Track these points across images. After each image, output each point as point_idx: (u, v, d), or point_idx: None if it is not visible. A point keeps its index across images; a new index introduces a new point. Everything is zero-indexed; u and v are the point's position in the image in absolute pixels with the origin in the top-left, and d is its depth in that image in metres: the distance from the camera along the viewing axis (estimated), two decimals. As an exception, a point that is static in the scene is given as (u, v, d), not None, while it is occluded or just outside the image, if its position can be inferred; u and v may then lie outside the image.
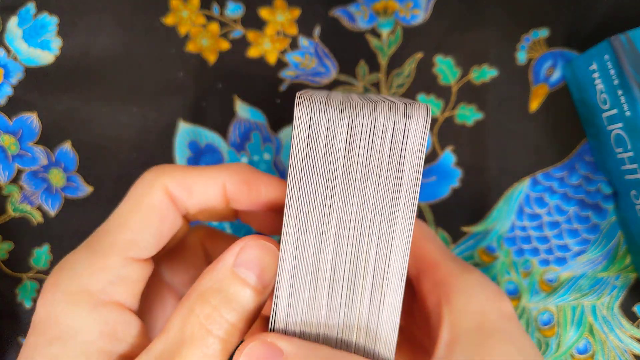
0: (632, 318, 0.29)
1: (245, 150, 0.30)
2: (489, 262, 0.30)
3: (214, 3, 0.30)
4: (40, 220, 0.30)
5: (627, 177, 0.27)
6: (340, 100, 0.17)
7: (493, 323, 0.19)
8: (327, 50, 0.31)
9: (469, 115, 0.30)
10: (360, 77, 0.30)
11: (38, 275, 0.30)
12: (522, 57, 0.30)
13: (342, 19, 0.30)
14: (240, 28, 0.31)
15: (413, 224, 0.17)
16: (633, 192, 0.27)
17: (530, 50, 0.30)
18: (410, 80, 0.30)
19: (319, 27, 0.31)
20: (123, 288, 0.17)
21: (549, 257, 0.30)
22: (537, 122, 0.30)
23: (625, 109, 0.26)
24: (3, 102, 0.30)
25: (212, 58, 0.30)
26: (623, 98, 0.26)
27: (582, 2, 0.30)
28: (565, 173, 0.30)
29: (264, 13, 0.31)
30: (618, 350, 0.29)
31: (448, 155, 0.30)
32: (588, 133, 0.30)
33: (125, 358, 0.17)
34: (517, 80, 0.30)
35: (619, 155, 0.27)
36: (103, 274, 0.17)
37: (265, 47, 0.31)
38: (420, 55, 0.30)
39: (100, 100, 0.30)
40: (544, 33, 0.30)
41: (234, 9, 0.30)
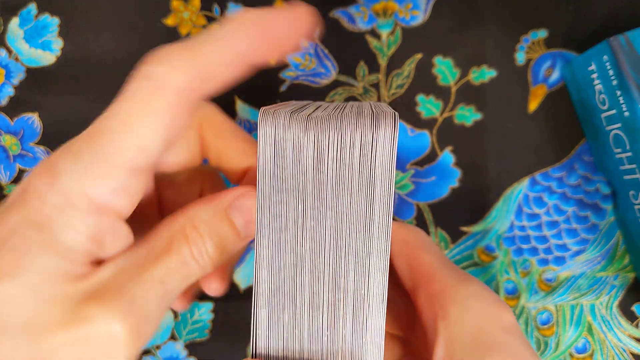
0: (630, 317, 0.30)
1: (246, 151, 0.31)
2: (488, 261, 0.30)
3: (215, 4, 0.31)
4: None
5: (625, 177, 0.27)
6: (307, 114, 0.16)
7: (491, 337, 0.18)
8: (327, 51, 0.31)
9: (468, 116, 0.30)
10: (360, 77, 0.31)
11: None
12: (521, 57, 0.30)
13: (341, 20, 0.31)
14: (241, 29, 0.31)
15: (389, 240, 0.16)
16: (632, 192, 0.27)
17: (529, 51, 0.30)
18: (410, 81, 0.30)
19: (319, 28, 0.31)
20: (124, 199, 0.16)
21: (548, 256, 0.30)
22: (536, 122, 0.30)
23: (624, 110, 0.26)
24: (4, 102, 0.30)
25: (212, 59, 0.31)
26: (622, 99, 0.26)
27: (581, 3, 0.30)
28: (564, 173, 0.30)
29: (264, 14, 0.31)
30: (617, 350, 0.29)
31: (447, 156, 0.30)
32: (587, 133, 0.30)
33: (105, 256, 0.16)
34: (516, 81, 0.30)
35: (618, 156, 0.27)
36: (107, 182, 0.15)
37: (266, 47, 0.31)
38: (420, 56, 0.30)
39: (101, 101, 0.30)
40: (543, 34, 0.30)
41: (234, 10, 0.31)
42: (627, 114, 0.26)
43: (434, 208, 0.30)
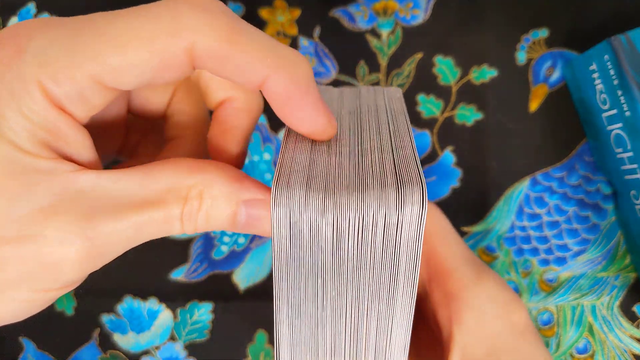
0: (631, 318, 0.29)
1: (246, 150, 0.30)
2: (489, 262, 0.30)
3: (214, 3, 0.31)
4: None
5: (626, 177, 0.27)
6: (324, 188, 0.15)
7: (505, 344, 0.18)
8: (327, 51, 0.31)
9: (469, 116, 0.30)
10: (360, 77, 0.30)
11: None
12: (521, 57, 0.30)
13: (342, 19, 0.31)
14: (241, 28, 0.31)
15: (413, 307, 0.16)
16: (633, 192, 0.27)
17: (530, 51, 0.30)
18: (410, 81, 0.30)
19: (319, 27, 0.31)
20: (78, 107, 0.15)
21: (549, 257, 0.30)
22: (536, 122, 0.30)
23: (625, 109, 0.26)
24: (3, 102, 0.30)
25: (212, 58, 0.30)
26: (623, 98, 0.26)
27: (581, 2, 0.30)
28: (565, 173, 0.30)
29: (264, 13, 0.31)
30: (618, 350, 0.29)
31: (448, 156, 0.30)
32: (588, 133, 0.30)
33: (66, 158, 0.15)
34: (516, 81, 0.30)
35: (619, 155, 0.27)
36: (66, 83, 0.14)
37: (266, 47, 0.31)
38: (420, 56, 0.30)
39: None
40: (544, 33, 0.30)
41: (234, 10, 0.31)
42: (628, 114, 0.26)
43: (435, 208, 0.30)
